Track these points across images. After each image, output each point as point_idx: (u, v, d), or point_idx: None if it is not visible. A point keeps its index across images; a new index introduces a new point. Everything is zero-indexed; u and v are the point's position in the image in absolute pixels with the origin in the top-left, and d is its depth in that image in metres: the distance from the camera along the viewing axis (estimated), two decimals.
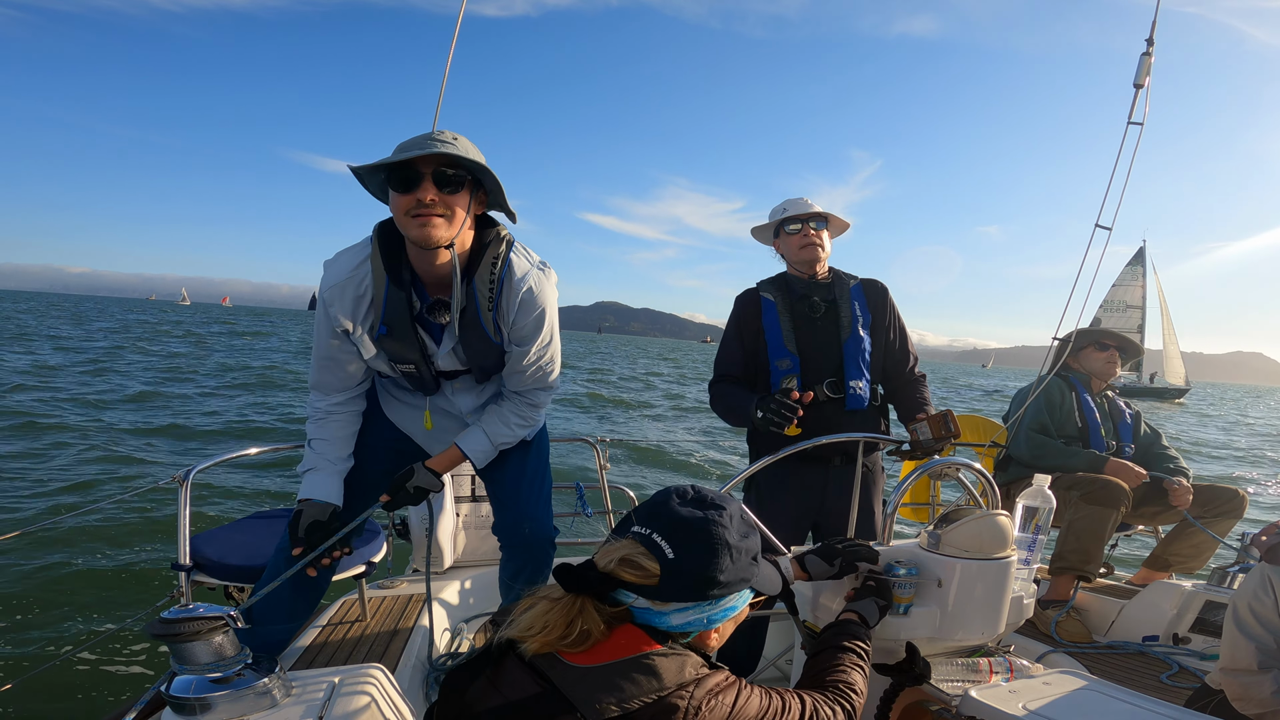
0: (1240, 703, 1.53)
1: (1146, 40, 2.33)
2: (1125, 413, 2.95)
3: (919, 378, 2.33)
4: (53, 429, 8.94)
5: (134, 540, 5.10)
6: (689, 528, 0.98)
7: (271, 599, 1.66)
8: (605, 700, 0.87)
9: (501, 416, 1.86)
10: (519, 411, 1.86)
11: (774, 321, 2.26)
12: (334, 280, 1.64)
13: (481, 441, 1.84)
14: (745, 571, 1.01)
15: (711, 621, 1.00)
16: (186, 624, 1.18)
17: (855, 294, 2.30)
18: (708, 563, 0.96)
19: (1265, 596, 1.53)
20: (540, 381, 1.83)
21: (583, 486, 3.19)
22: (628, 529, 1.01)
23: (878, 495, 2.31)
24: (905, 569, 1.54)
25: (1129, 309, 46.04)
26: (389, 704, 1.34)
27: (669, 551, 0.96)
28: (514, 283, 1.66)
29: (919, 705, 1.52)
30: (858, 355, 2.23)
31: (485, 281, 1.64)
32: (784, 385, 2.18)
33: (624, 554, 0.97)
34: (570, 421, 14.34)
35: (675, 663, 0.93)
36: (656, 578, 0.95)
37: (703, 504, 1.02)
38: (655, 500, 1.04)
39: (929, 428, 2.00)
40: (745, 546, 1.01)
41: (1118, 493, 2.49)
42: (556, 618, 0.93)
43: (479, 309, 1.66)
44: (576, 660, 0.92)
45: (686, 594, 0.96)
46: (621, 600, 0.97)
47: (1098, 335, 2.99)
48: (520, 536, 1.98)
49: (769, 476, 2.21)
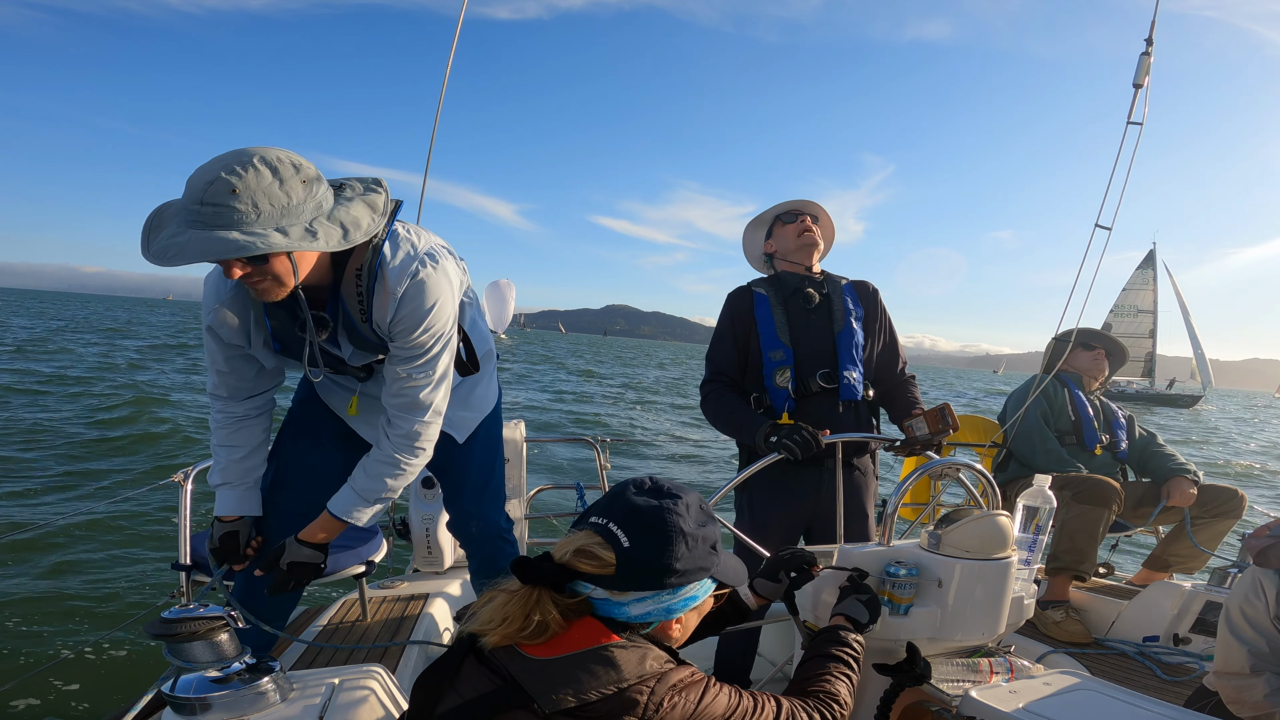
0: (1234, 706, 1.53)
1: (1146, 40, 2.34)
2: (1119, 413, 3.00)
3: (909, 378, 2.34)
4: (53, 427, 8.95)
5: (135, 540, 5.10)
6: (644, 516, 0.98)
7: (251, 609, 1.58)
8: (562, 692, 0.87)
9: (366, 467, 1.58)
10: (384, 456, 1.56)
11: (767, 314, 2.26)
12: (212, 304, 1.48)
13: (349, 498, 1.58)
14: (704, 560, 1.01)
15: (671, 612, 1.00)
16: (186, 624, 1.18)
17: (847, 291, 2.32)
18: (663, 551, 0.96)
19: (1257, 600, 1.53)
20: (410, 397, 1.52)
21: (583, 486, 3.19)
22: (586, 520, 1.02)
23: (869, 497, 2.29)
24: (905, 569, 1.54)
25: (1140, 313, 45.29)
26: (389, 704, 1.35)
27: (625, 540, 0.96)
28: (387, 286, 1.42)
29: (919, 705, 1.52)
30: (851, 347, 2.22)
31: (352, 294, 1.44)
32: (784, 416, 2.16)
33: (580, 545, 0.97)
34: (570, 422, 14.35)
35: (635, 655, 0.93)
36: (613, 567, 0.95)
37: (659, 493, 1.02)
38: (613, 492, 1.05)
39: (925, 422, 1.98)
40: (703, 535, 1.01)
41: (1109, 492, 2.50)
42: (514, 610, 0.94)
43: (354, 321, 1.48)
44: (535, 653, 0.92)
45: (644, 583, 0.96)
46: (580, 591, 0.97)
47: (1085, 336, 3.03)
48: (468, 534, 1.99)
49: (760, 480, 2.19)
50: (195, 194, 1.18)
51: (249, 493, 1.67)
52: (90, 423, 9.64)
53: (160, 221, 1.27)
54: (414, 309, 1.44)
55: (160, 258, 1.20)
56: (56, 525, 4.95)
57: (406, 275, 1.43)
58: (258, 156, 1.21)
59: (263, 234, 1.20)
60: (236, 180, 1.18)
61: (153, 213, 1.29)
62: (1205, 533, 2.68)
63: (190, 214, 1.19)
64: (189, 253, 1.17)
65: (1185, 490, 2.67)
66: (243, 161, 1.19)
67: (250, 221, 1.19)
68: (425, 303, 1.45)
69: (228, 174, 1.17)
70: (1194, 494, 2.67)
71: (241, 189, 1.18)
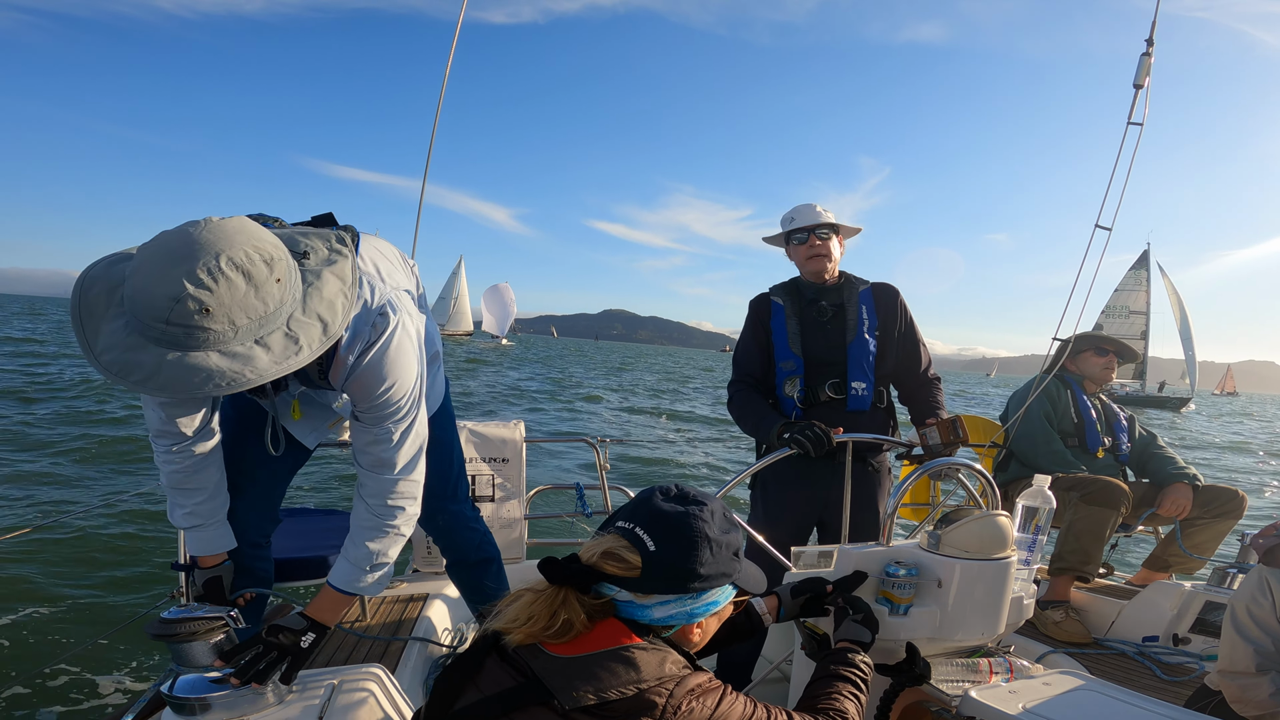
0: (1239, 705, 1.53)
1: (1146, 41, 2.34)
2: (1120, 414, 2.99)
3: (933, 380, 2.37)
4: (50, 427, 8.95)
5: (134, 539, 5.10)
6: (670, 521, 1.00)
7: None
8: (583, 689, 0.89)
9: (351, 532, 1.49)
10: (364, 521, 1.47)
11: (781, 325, 2.34)
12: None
13: (346, 570, 1.47)
14: (726, 566, 1.03)
15: (693, 616, 1.02)
16: (186, 624, 1.18)
17: (864, 298, 2.35)
18: (688, 555, 0.98)
19: (1263, 599, 1.53)
20: (373, 455, 1.43)
21: (583, 486, 3.20)
22: (613, 524, 1.04)
23: (883, 495, 2.32)
24: (905, 569, 1.54)
25: (1132, 315, 45.08)
26: (389, 704, 1.35)
27: (650, 544, 0.98)
28: (338, 353, 1.31)
29: (919, 705, 1.52)
30: (861, 358, 2.27)
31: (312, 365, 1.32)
32: (809, 417, 2.19)
33: (607, 547, 1.00)
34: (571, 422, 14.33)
35: (655, 657, 0.95)
36: (638, 570, 0.98)
37: (685, 500, 1.05)
38: (639, 497, 1.07)
39: (938, 433, 2.04)
40: (726, 541, 1.03)
41: (1117, 494, 2.50)
42: (540, 609, 0.96)
43: (309, 377, 1.39)
44: (558, 651, 0.94)
45: (667, 586, 0.98)
46: (605, 593, 0.99)
47: (1097, 340, 3.02)
48: (436, 527, 2.02)
49: (773, 474, 2.24)
50: (155, 310, 0.98)
51: (222, 528, 1.53)
52: (90, 422, 9.64)
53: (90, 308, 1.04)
54: (371, 374, 1.34)
55: (120, 376, 1.01)
56: (57, 525, 4.94)
57: (359, 340, 1.31)
58: (224, 258, 1.00)
59: (245, 354, 1.05)
60: (207, 296, 0.99)
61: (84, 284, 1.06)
62: (1205, 533, 2.68)
63: (151, 330, 1.00)
64: (163, 382, 1.01)
65: (1179, 499, 2.67)
66: (210, 269, 0.99)
67: (227, 339, 1.03)
68: (383, 368, 1.34)
69: (195, 288, 0.98)
70: (1187, 504, 2.66)
71: (215, 306, 0.99)
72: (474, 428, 2.94)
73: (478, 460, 2.91)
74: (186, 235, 1.01)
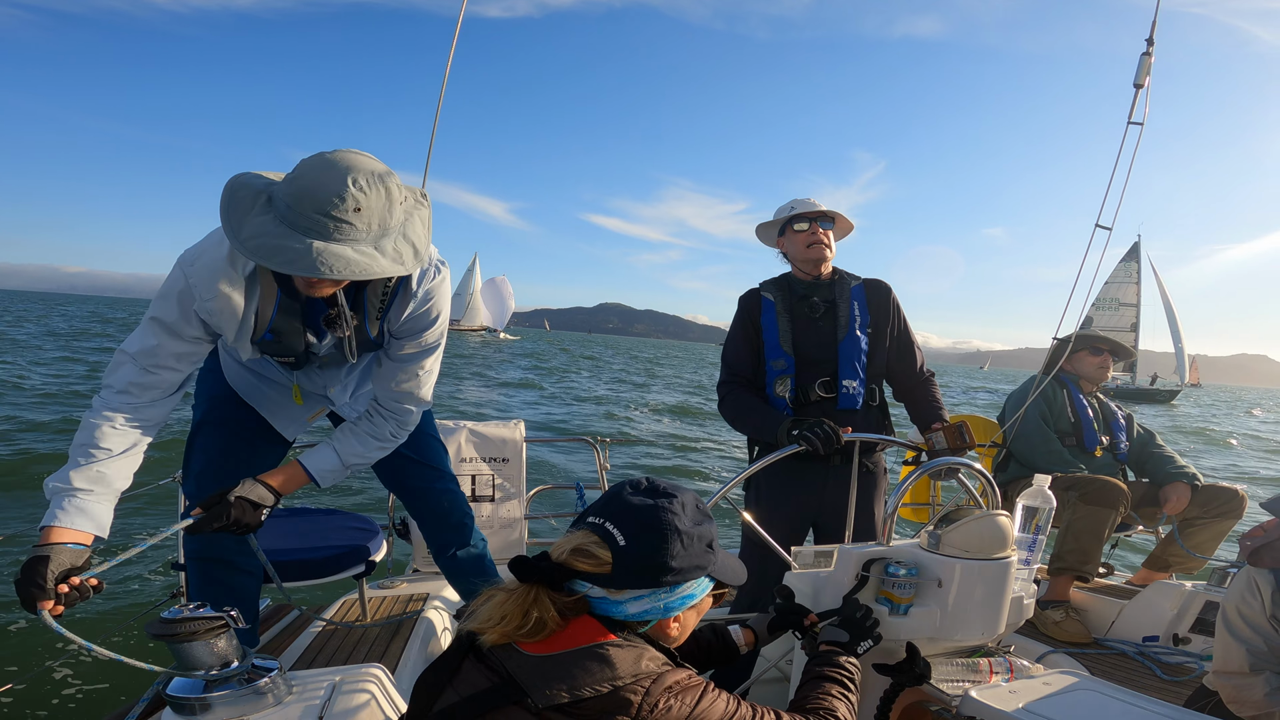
0: (1235, 705, 1.54)
1: (1146, 40, 2.33)
2: (1118, 413, 2.99)
3: (928, 377, 2.34)
4: (50, 427, 8.95)
5: (134, 539, 5.10)
6: (640, 515, 1.00)
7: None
8: (556, 687, 0.88)
9: (359, 436, 1.66)
10: (379, 432, 1.67)
11: (771, 321, 2.28)
12: (211, 294, 1.39)
13: (330, 460, 1.62)
14: (700, 559, 1.02)
15: (669, 610, 1.01)
16: (186, 624, 1.18)
17: (856, 294, 2.31)
18: (659, 549, 0.98)
19: (1252, 599, 1.53)
20: (412, 390, 1.66)
21: (583, 486, 3.19)
22: (584, 520, 1.04)
23: (879, 495, 2.30)
24: (905, 569, 1.54)
25: (1122, 307, 45.00)
26: (389, 704, 1.35)
27: (620, 539, 0.98)
28: (408, 291, 1.53)
29: (919, 705, 1.52)
30: (853, 356, 2.24)
31: (376, 293, 1.51)
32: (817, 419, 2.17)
33: (577, 544, 0.99)
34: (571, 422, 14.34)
35: (631, 653, 0.93)
36: (609, 565, 0.97)
37: (655, 493, 1.04)
38: (609, 492, 1.07)
39: (945, 438, 2.03)
40: (698, 533, 1.02)
41: (1116, 493, 2.50)
42: (513, 608, 0.95)
43: (366, 318, 1.55)
44: (532, 649, 0.93)
45: (640, 581, 0.98)
46: (578, 590, 0.99)
47: (1092, 339, 3.01)
48: (429, 511, 2.04)
49: (768, 475, 2.21)
50: (319, 203, 1.20)
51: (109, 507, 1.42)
52: None
53: (239, 204, 1.25)
54: (427, 311, 1.57)
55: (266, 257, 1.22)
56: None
57: (426, 278, 1.54)
58: (376, 175, 1.24)
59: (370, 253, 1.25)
60: (362, 198, 1.22)
61: (233, 186, 1.26)
62: (1206, 533, 2.68)
63: (305, 220, 1.21)
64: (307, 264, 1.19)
65: (1179, 498, 2.67)
66: (367, 178, 1.22)
67: (362, 239, 1.25)
68: (436, 308, 1.58)
69: (356, 189, 1.21)
70: (1187, 502, 2.66)
71: (365, 206, 1.22)
72: (474, 428, 2.94)
73: (478, 460, 2.92)
74: (346, 155, 1.25)
